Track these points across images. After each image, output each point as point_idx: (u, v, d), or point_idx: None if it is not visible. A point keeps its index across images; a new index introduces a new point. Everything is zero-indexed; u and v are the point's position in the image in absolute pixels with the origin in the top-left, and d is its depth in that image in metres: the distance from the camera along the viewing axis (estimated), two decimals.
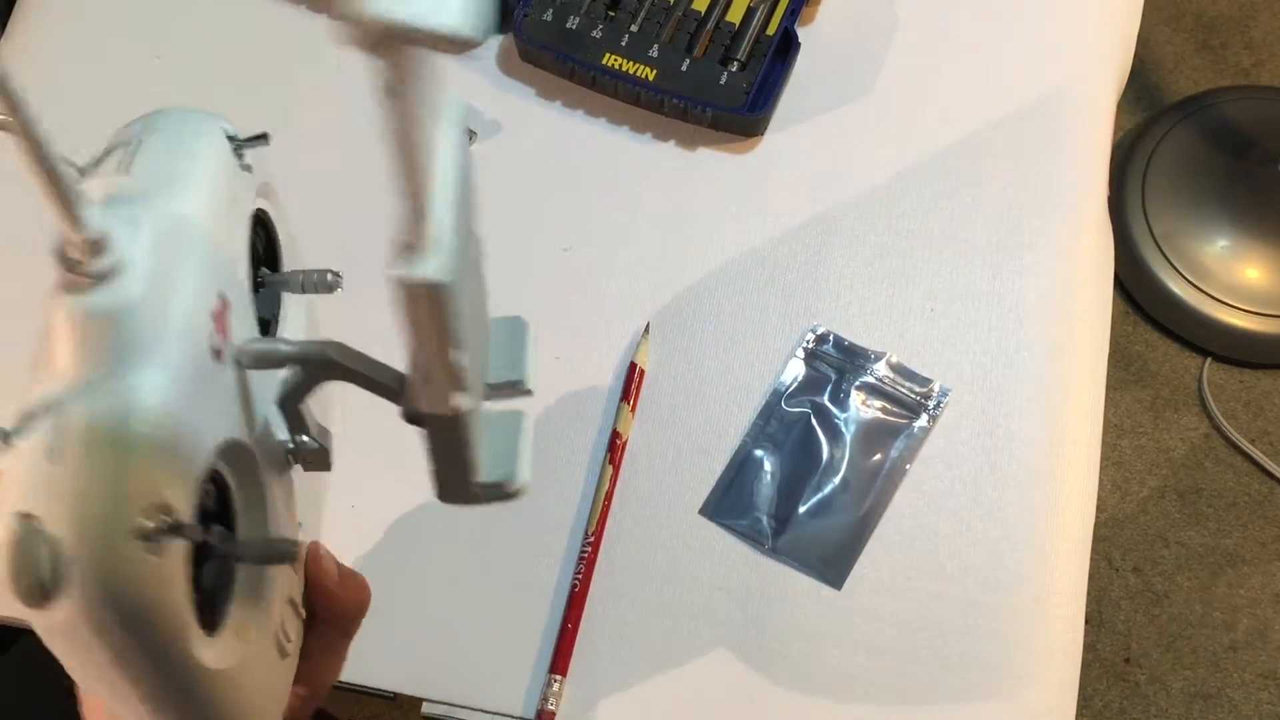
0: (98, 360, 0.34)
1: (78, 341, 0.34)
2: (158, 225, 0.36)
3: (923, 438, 0.69)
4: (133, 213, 0.36)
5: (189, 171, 0.39)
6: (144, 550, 0.32)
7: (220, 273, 0.39)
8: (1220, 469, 1.57)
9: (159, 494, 0.33)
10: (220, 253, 0.40)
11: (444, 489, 0.42)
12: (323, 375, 0.42)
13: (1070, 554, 0.68)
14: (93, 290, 0.34)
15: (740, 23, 0.77)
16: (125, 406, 0.33)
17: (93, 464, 0.32)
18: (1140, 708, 1.46)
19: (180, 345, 0.35)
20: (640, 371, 0.70)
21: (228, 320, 0.39)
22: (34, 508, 0.32)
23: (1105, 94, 0.78)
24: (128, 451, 0.33)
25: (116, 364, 0.34)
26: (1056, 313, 0.72)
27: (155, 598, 0.33)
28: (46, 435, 0.33)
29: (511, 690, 0.64)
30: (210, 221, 0.39)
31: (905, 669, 0.65)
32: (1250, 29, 1.78)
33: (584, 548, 0.66)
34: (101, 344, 0.34)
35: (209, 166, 0.40)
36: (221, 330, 0.38)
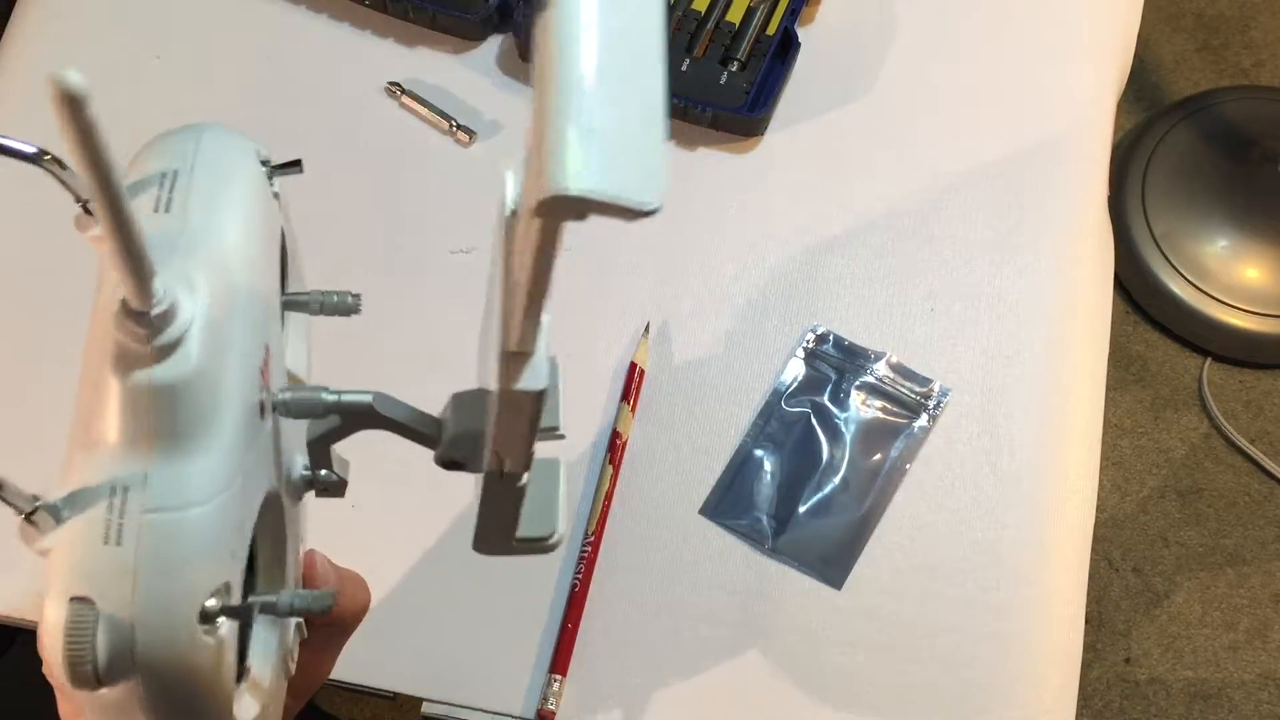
0: (158, 437, 0.32)
1: (137, 416, 0.32)
2: (212, 284, 0.34)
3: (923, 438, 0.69)
4: (187, 270, 0.34)
5: (232, 212, 0.37)
6: (204, 633, 0.32)
7: (265, 321, 0.38)
8: (1220, 469, 1.57)
9: (221, 576, 0.32)
10: (265, 301, 0.38)
11: (483, 542, 0.41)
12: (361, 424, 0.41)
13: (1070, 554, 0.68)
14: (156, 363, 0.32)
15: (740, 23, 0.77)
16: (188, 489, 0.32)
17: (156, 549, 0.31)
18: (1140, 708, 1.46)
19: (237, 412, 0.34)
20: (640, 371, 0.70)
21: (270, 371, 0.38)
22: (91, 592, 0.31)
23: (1105, 94, 0.78)
24: (192, 536, 0.32)
25: (176, 441, 0.32)
26: (1057, 312, 0.72)
27: (211, 677, 0.33)
28: (104, 515, 0.31)
29: (512, 690, 0.64)
30: (254, 267, 0.38)
31: (905, 668, 0.65)
32: (1250, 29, 1.78)
33: (584, 548, 0.66)
34: (162, 420, 0.32)
35: (250, 205, 0.38)
36: (266, 384, 0.37)
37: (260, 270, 0.38)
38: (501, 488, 0.38)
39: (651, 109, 0.25)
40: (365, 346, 0.68)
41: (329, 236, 0.73)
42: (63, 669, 0.31)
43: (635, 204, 0.24)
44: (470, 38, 0.79)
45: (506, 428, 0.34)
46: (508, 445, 0.35)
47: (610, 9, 0.26)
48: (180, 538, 0.31)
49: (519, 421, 0.34)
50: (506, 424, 0.34)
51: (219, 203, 0.37)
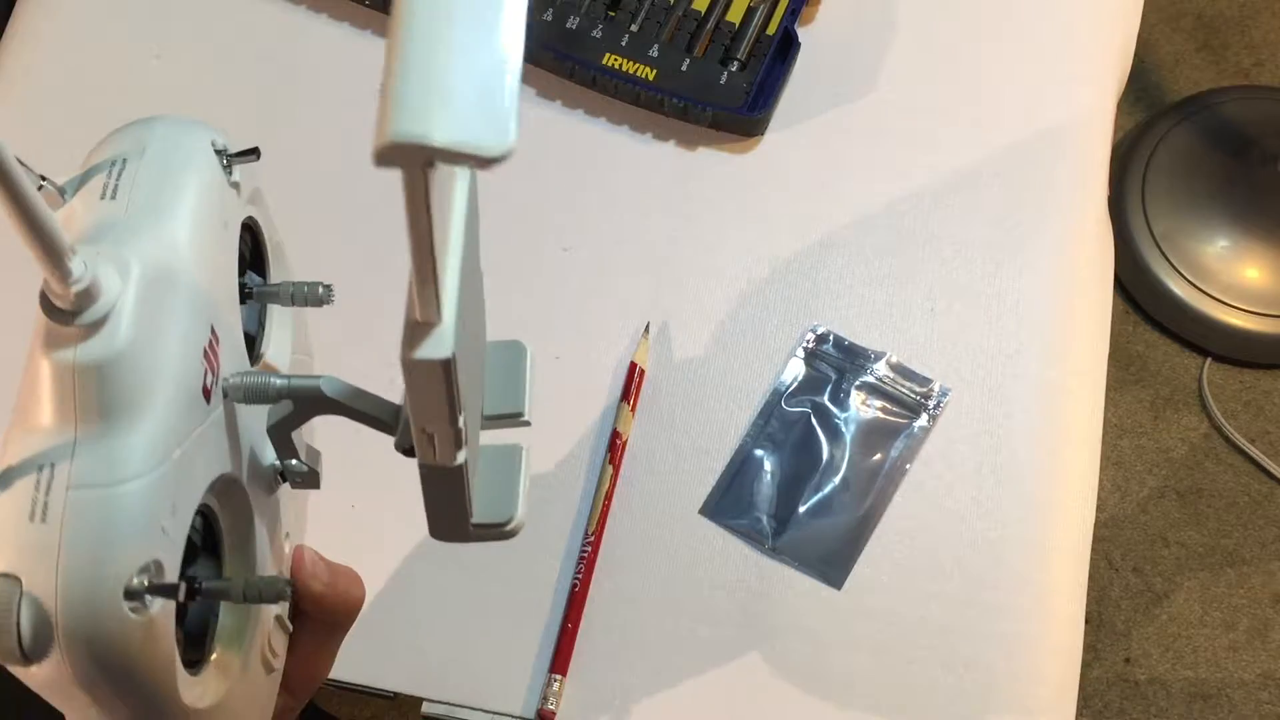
0: (85, 414, 0.32)
1: (64, 395, 0.32)
2: (148, 265, 0.34)
3: (923, 437, 0.69)
4: (121, 253, 0.34)
5: (178, 198, 0.38)
6: (131, 610, 0.32)
7: (211, 305, 0.38)
8: (1220, 469, 1.57)
9: (149, 552, 0.32)
10: (211, 284, 0.39)
11: (438, 528, 0.41)
12: (315, 410, 0.41)
13: (1070, 554, 0.68)
14: (80, 341, 0.32)
15: (740, 22, 0.77)
16: (115, 465, 0.32)
17: (80, 525, 0.31)
18: (1140, 708, 1.46)
19: (172, 391, 0.34)
20: (640, 371, 0.70)
21: (218, 354, 0.38)
22: (16, 569, 0.31)
23: (1105, 94, 0.78)
24: (117, 511, 0.32)
25: (105, 418, 0.32)
26: (1057, 312, 0.72)
27: (142, 654, 0.33)
28: (30, 493, 0.32)
29: (512, 690, 0.64)
30: (201, 252, 0.38)
31: (905, 668, 0.65)
32: (1250, 29, 1.78)
33: (584, 547, 0.66)
34: (89, 397, 0.32)
35: (198, 191, 0.39)
36: (212, 367, 0.37)
37: (209, 255, 0.38)
38: (438, 470, 0.37)
39: (503, 57, 0.25)
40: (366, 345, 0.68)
41: (328, 236, 0.73)
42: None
43: (478, 150, 0.24)
44: None
45: (419, 402, 0.34)
46: (429, 420, 0.35)
47: None
48: (105, 514, 0.32)
49: (431, 394, 0.33)
50: (417, 398, 0.34)
51: (165, 189, 0.37)
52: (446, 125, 0.24)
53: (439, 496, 0.39)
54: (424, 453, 0.36)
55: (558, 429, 0.69)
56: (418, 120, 0.24)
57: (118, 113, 0.45)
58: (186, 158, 0.39)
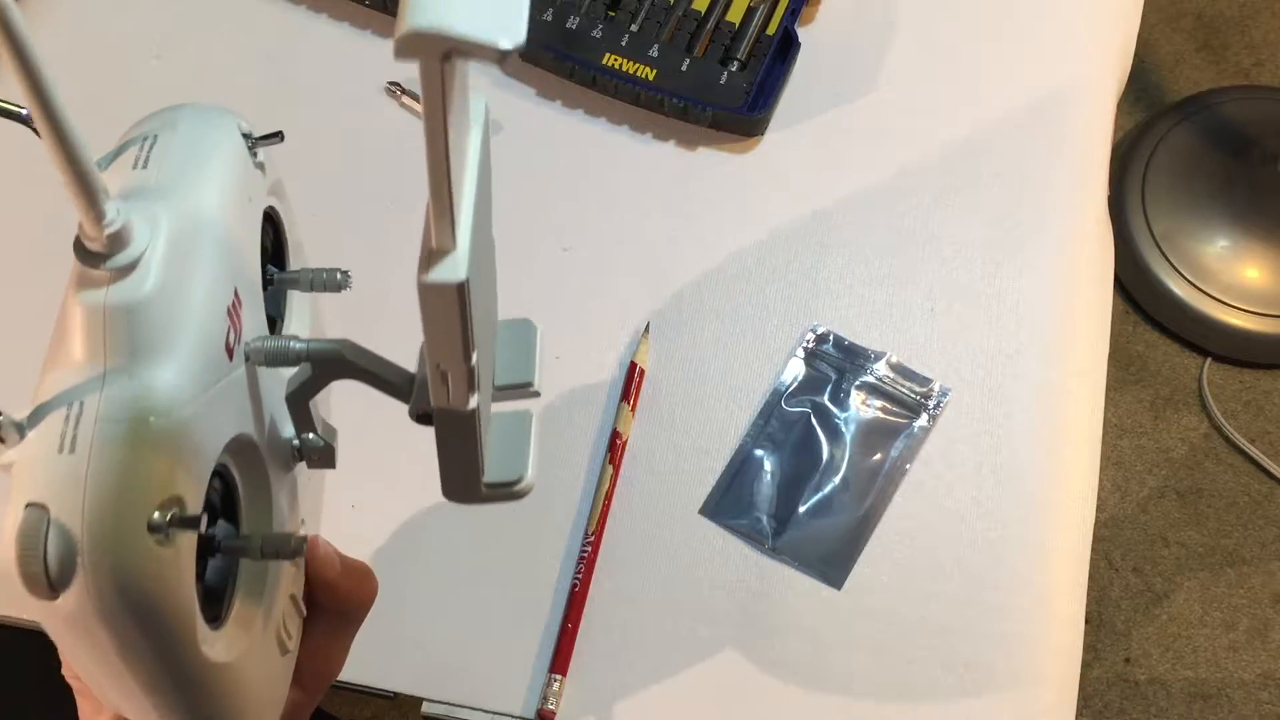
0: (114, 353, 0.34)
1: (94, 334, 0.34)
2: (175, 220, 0.36)
3: (923, 437, 0.69)
4: (151, 207, 0.36)
5: (205, 168, 0.40)
6: (155, 543, 0.33)
7: (235, 268, 0.40)
8: (1220, 469, 1.57)
9: (171, 488, 0.33)
10: (236, 249, 0.40)
11: (451, 487, 0.42)
12: (332, 374, 0.42)
13: (1070, 554, 0.68)
14: (111, 284, 0.34)
15: (740, 22, 0.77)
16: (141, 400, 0.33)
17: (107, 456, 0.32)
18: (1140, 708, 1.46)
19: (196, 339, 0.36)
20: (640, 371, 0.70)
21: (241, 316, 0.40)
22: (45, 498, 0.32)
23: (1105, 95, 0.78)
24: (142, 445, 0.33)
25: (133, 357, 0.34)
26: (1057, 313, 0.72)
27: (164, 589, 0.34)
28: (59, 427, 0.33)
29: (512, 690, 0.64)
30: (226, 217, 0.39)
31: (905, 669, 0.65)
32: (1250, 29, 1.78)
33: (584, 547, 0.66)
34: (118, 337, 0.34)
35: (225, 164, 0.41)
36: (235, 325, 0.39)
37: (233, 224, 0.40)
38: (453, 417, 0.38)
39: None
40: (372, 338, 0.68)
41: (328, 236, 0.73)
42: (17, 574, 0.32)
43: (489, 41, 0.26)
44: None
45: (434, 333, 0.34)
46: (444, 355, 0.35)
47: None
48: (131, 446, 0.33)
49: (446, 323, 0.34)
50: (432, 328, 0.34)
51: (194, 160, 0.40)
52: (463, 18, 0.26)
53: (452, 449, 0.40)
54: (438, 394, 0.37)
55: (558, 429, 0.69)
56: (438, 13, 0.26)
57: (118, 113, 0.45)
58: (215, 136, 0.41)
